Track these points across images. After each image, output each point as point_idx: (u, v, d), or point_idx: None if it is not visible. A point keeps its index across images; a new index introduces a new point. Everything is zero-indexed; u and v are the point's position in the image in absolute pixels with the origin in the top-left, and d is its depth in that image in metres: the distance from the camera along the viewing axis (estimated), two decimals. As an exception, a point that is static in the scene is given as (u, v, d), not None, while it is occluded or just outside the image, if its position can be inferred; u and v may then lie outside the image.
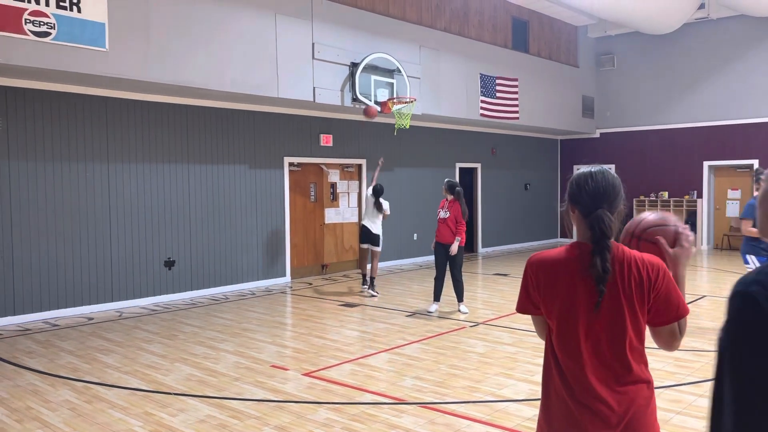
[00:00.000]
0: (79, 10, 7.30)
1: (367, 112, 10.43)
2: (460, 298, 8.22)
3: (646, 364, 1.98)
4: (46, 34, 7.06)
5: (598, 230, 1.96)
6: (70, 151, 8.34)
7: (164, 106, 9.31)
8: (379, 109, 10.47)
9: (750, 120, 14.77)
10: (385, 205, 9.56)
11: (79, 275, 8.45)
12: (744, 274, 1.14)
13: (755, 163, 14.78)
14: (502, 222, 15.68)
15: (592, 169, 2.06)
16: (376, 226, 9.60)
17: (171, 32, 8.25)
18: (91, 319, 8.15)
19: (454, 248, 7.98)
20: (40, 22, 7.00)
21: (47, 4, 7.05)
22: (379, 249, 9.68)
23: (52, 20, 7.10)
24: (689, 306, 2.00)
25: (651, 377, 1.99)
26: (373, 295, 9.53)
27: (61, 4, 7.16)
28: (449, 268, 8.14)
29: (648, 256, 1.99)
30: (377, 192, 9.53)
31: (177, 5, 8.32)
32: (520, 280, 2.15)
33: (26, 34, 6.91)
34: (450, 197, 8.15)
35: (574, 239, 2.12)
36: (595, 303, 1.91)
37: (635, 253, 1.99)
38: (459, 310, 8.17)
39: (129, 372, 5.77)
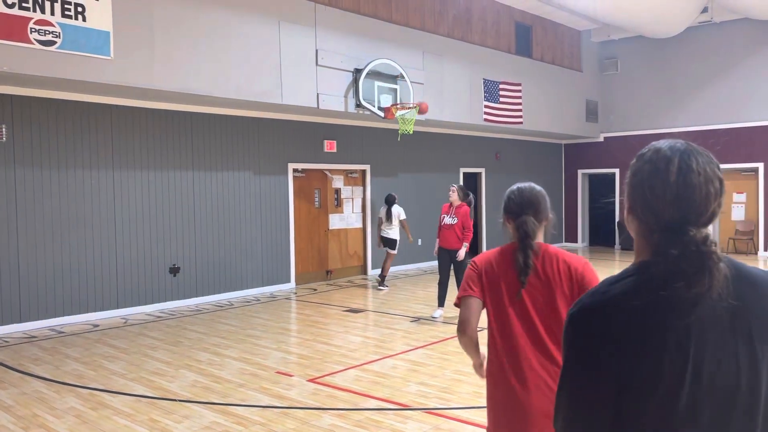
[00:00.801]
0: (84, 19, 7.36)
1: (421, 109, 10.94)
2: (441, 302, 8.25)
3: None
4: (52, 43, 7.11)
5: (522, 232, 2.37)
6: (75, 158, 8.39)
7: (169, 114, 9.36)
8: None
9: (754, 123, 14.74)
10: (395, 210, 10.68)
11: (84, 282, 8.48)
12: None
13: (760, 166, 14.74)
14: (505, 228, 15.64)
15: (521, 185, 2.51)
16: (392, 232, 10.74)
17: (175, 40, 8.30)
18: (97, 326, 8.18)
19: (462, 254, 7.98)
20: (45, 31, 7.05)
21: (53, 13, 7.10)
22: (393, 252, 10.83)
23: (58, 29, 7.15)
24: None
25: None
26: (379, 289, 10.61)
27: (67, 13, 7.21)
28: (453, 273, 8.14)
29: (572, 255, 2.39)
30: (388, 201, 10.79)
31: (181, 13, 8.37)
32: None
33: (32, 43, 6.97)
34: (457, 202, 8.15)
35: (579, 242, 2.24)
36: (516, 292, 2.26)
37: (561, 251, 2.40)
38: None
39: (134, 379, 5.79)
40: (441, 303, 8.24)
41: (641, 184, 1.23)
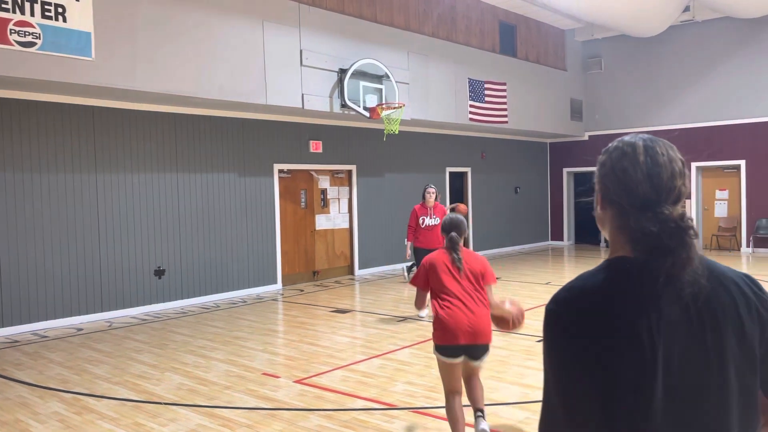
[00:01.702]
0: (64, 20, 7.28)
1: (458, 209, 10.12)
2: None
3: (488, 302, 3.93)
4: (32, 44, 7.03)
5: (450, 242, 4.02)
6: (57, 161, 8.30)
7: (152, 115, 9.29)
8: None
9: (736, 121, 14.90)
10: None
11: (68, 286, 8.40)
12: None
13: (742, 163, 14.91)
14: (492, 225, 15.71)
15: (451, 215, 4.19)
16: None
17: (158, 40, 8.24)
18: (81, 329, 8.10)
19: None
20: (25, 32, 6.97)
21: (32, 14, 7.02)
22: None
23: (38, 30, 7.07)
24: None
25: (489, 308, 3.91)
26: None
27: (47, 13, 7.13)
28: None
29: (478, 255, 4.15)
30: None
31: (164, 13, 8.31)
32: (504, 282, 2.92)
33: (11, 44, 6.88)
34: (434, 203, 8.26)
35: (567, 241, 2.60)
36: (459, 272, 3.94)
37: (473, 252, 4.13)
38: None
39: (119, 382, 5.74)
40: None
41: (612, 168, 1.32)
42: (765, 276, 11.20)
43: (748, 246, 14.93)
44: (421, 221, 8.36)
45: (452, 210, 10.51)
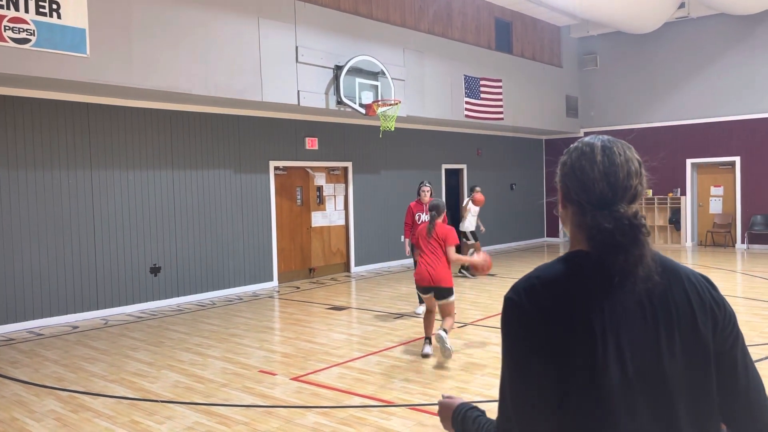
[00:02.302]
0: (59, 16, 7.24)
1: (474, 199, 11.57)
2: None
3: (448, 261, 6.07)
4: (26, 41, 6.99)
5: (432, 217, 6.23)
6: (52, 158, 8.26)
7: (147, 112, 9.25)
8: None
9: (731, 117, 14.95)
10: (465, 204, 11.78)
11: (63, 283, 8.37)
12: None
13: (737, 160, 14.96)
14: (488, 222, 15.69)
15: (435, 200, 6.41)
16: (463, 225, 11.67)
17: (153, 37, 8.20)
18: (76, 327, 8.07)
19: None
20: (19, 28, 6.93)
21: (27, 11, 6.98)
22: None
23: (32, 26, 7.03)
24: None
25: (449, 261, 6.10)
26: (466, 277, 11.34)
27: (41, 10, 7.09)
28: None
29: (446, 226, 6.26)
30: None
31: (159, 10, 8.27)
32: (501, 278, 2.98)
33: (6, 41, 6.84)
34: (429, 199, 8.28)
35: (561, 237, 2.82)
36: (429, 237, 6.17)
37: (444, 225, 6.26)
38: None
39: (115, 380, 5.72)
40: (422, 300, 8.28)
41: (572, 168, 1.36)
42: (760, 272, 11.25)
43: (743, 242, 14.99)
44: (417, 218, 8.43)
45: (471, 191, 11.82)
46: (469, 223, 11.72)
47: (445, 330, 5.83)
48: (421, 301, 8.27)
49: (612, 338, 1.23)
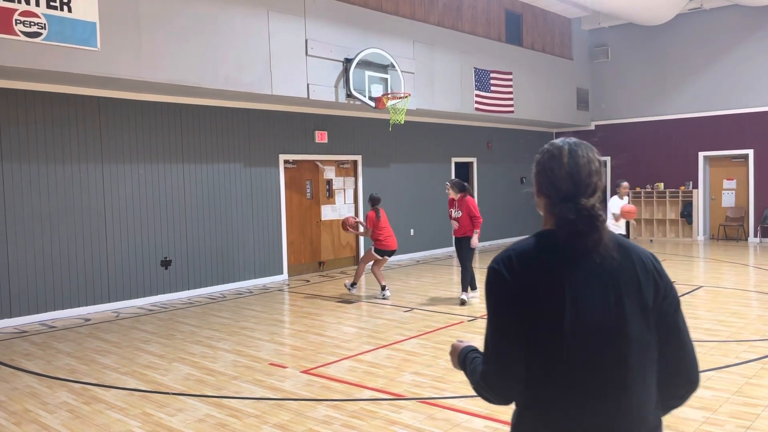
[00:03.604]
0: (69, 10, 7.26)
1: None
2: (472, 286, 8.77)
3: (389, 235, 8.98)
4: (37, 35, 7.02)
5: (373, 204, 8.94)
6: (63, 151, 8.30)
7: (158, 105, 9.27)
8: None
9: (744, 110, 14.79)
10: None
11: (75, 276, 8.42)
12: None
13: (750, 152, 14.81)
14: (498, 216, 15.67)
15: (372, 193, 9.15)
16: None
17: (163, 30, 8.21)
18: (88, 320, 8.13)
19: (475, 241, 8.46)
20: (30, 22, 6.95)
21: (37, 4, 7.00)
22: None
23: (43, 20, 7.05)
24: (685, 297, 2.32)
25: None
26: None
27: (52, 4, 7.11)
28: (462, 257, 8.66)
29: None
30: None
31: (168, 3, 8.27)
32: None
33: (17, 35, 6.87)
34: (457, 195, 8.56)
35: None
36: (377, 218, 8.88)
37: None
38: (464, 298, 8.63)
39: (127, 372, 5.76)
40: (464, 287, 8.58)
41: (543, 167, 1.67)
42: (773, 266, 11.15)
43: (755, 236, 14.86)
44: (449, 213, 8.74)
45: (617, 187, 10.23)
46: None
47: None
48: (463, 288, 8.59)
49: (573, 299, 1.53)
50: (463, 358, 1.79)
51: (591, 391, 1.53)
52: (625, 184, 10.30)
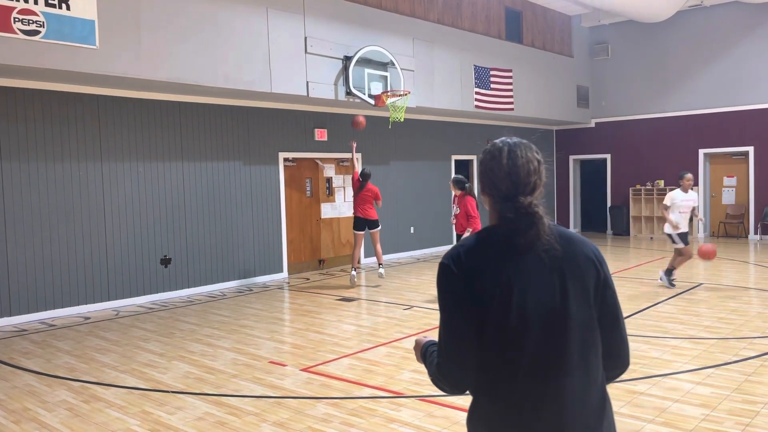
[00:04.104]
0: (68, 8, 7.24)
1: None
2: None
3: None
4: (36, 33, 7.01)
5: (364, 179, 9.74)
6: (63, 150, 8.30)
7: (157, 103, 9.26)
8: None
9: (745, 107, 14.77)
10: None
11: (74, 275, 8.42)
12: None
13: (750, 150, 14.79)
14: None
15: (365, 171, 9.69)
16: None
17: (162, 28, 8.19)
18: (88, 318, 8.13)
19: None
20: (29, 20, 6.94)
21: (36, 2, 6.99)
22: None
23: (42, 18, 7.04)
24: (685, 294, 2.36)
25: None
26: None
27: (50, 2, 7.10)
28: None
29: (374, 188, 9.81)
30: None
31: (168, 1, 8.25)
32: None
33: (15, 33, 6.86)
34: (458, 192, 8.64)
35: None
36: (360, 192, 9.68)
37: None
38: None
39: (126, 371, 5.76)
40: None
41: (485, 168, 1.76)
42: (773, 263, 11.14)
43: (755, 233, 14.85)
44: (453, 208, 8.92)
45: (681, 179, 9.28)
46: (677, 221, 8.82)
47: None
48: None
49: (518, 289, 1.63)
50: (424, 351, 1.88)
51: (537, 374, 1.63)
52: (689, 175, 9.17)
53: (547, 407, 1.64)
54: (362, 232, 9.91)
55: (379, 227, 10.00)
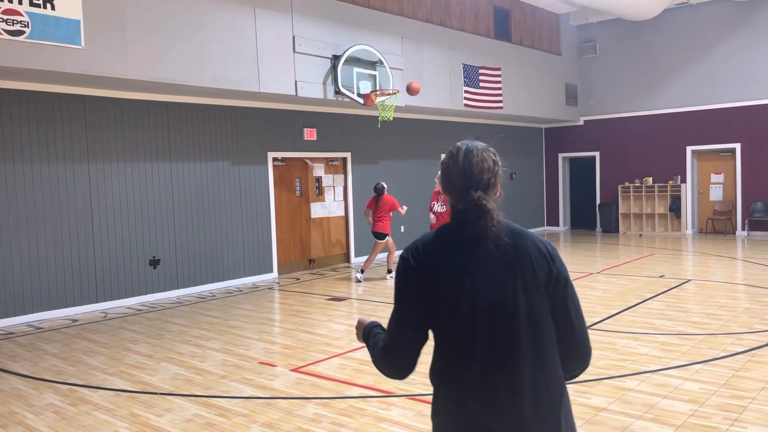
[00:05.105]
0: (53, 8, 7.18)
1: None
2: None
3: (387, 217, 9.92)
4: (20, 33, 6.93)
5: (377, 192, 9.98)
6: (49, 151, 8.22)
7: (144, 104, 9.20)
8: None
9: (731, 104, 14.87)
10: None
11: (62, 277, 8.35)
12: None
13: (737, 146, 14.90)
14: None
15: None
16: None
17: (148, 28, 8.14)
18: (76, 320, 8.06)
19: None
20: (13, 20, 6.87)
21: (20, 2, 6.92)
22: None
23: (26, 18, 6.97)
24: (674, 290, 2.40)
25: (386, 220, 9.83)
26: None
27: (35, 1, 7.03)
28: None
29: (390, 198, 10.02)
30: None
31: (154, 0, 8.19)
32: None
33: (0, 33, 6.79)
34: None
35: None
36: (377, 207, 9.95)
37: (390, 198, 9.96)
38: None
39: (114, 373, 5.71)
40: None
41: (444, 166, 1.87)
42: (761, 259, 11.22)
43: (743, 229, 14.96)
44: (431, 206, 8.75)
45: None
46: None
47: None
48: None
49: (470, 281, 1.71)
50: (367, 332, 1.98)
51: (490, 365, 1.69)
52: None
53: (501, 398, 1.68)
54: (380, 241, 9.99)
55: (384, 240, 9.99)
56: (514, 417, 1.68)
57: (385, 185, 10.06)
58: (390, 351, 1.82)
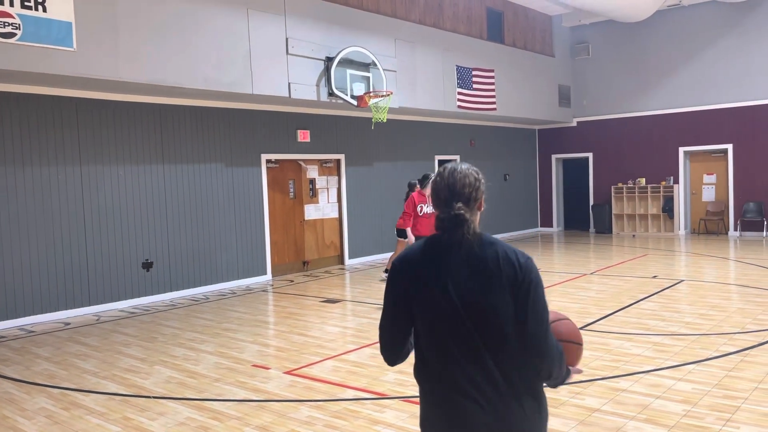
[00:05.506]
0: (44, 10, 7.14)
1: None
2: None
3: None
4: (11, 35, 6.90)
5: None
6: (41, 154, 8.18)
7: (137, 106, 9.17)
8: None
9: (723, 105, 14.94)
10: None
11: (54, 280, 8.31)
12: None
13: (729, 147, 14.97)
14: (482, 213, 15.68)
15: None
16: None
17: (141, 30, 8.11)
18: (68, 324, 8.02)
19: None
20: (4, 23, 6.84)
21: (11, 4, 6.88)
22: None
23: (17, 20, 6.93)
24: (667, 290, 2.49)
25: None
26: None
27: (26, 3, 6.99)
28: None
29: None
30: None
31: (146, 2, 8.17)
32: None
33: (-10, 35, 6.75)
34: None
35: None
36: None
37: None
38: None
39: (107, 377, 5.69)
40: None
41: (434, 185, 2.08)
42: (753, 259, 11.28)
43: (735, 230, 15.02)
44: (419, 209, 8.47)
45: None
46: None
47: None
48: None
49: (443, 284, 1.93)
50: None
51: (456, 356, 1.92)
52: None
53: (467, 387, 1.91)
54: (402, 239, 9.51)
55: (401, 238, 9.43)
56: (481, 406, 1.90)
57: (416, 182, 9.23)
58: (381, 342, 2.13)
